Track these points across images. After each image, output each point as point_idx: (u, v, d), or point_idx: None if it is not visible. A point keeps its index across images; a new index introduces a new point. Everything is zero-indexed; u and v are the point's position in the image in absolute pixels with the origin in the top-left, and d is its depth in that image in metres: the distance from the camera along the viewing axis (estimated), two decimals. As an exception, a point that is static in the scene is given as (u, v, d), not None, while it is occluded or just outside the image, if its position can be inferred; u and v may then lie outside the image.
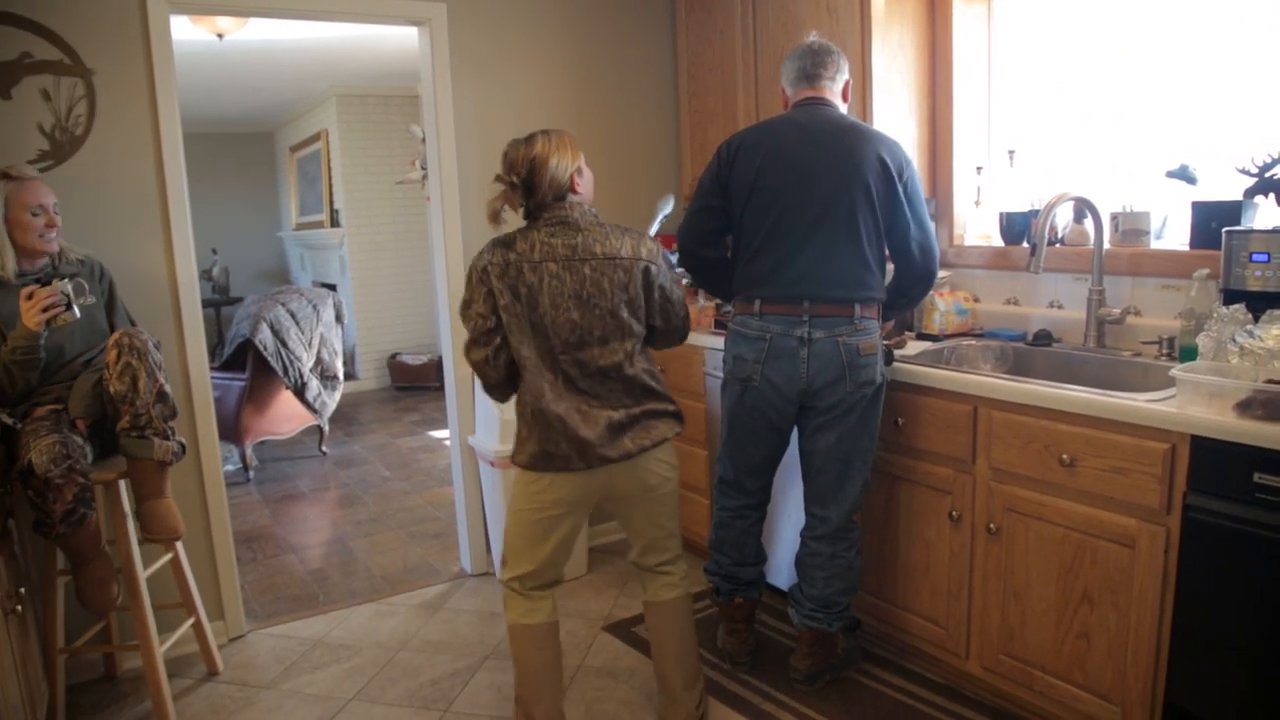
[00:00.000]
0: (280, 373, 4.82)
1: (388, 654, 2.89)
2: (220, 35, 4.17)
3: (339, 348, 5.28)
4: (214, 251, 8.60)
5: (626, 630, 2.95)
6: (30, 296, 2.19)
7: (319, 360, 5.07)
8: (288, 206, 8.88)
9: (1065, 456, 2.02)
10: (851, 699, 2.46)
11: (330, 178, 7.41)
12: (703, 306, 3.22)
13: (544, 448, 2.04)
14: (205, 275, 8.57)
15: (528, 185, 2.01)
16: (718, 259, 2.46)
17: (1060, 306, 2.67)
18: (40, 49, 2.57)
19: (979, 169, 2.95)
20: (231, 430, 4.81)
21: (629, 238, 2.03)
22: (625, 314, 2.02)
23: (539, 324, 1.99)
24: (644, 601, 2.32)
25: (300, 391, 4.92)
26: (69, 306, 2.23)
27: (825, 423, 2.32)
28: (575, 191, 2.04)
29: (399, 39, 4.74)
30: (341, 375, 5.27)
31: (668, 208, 2.25)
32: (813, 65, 2.37)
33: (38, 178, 2.38)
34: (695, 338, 3.18)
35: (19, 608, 2.05)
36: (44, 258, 2.40)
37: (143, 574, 2.46)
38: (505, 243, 2.02)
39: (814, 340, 2.26)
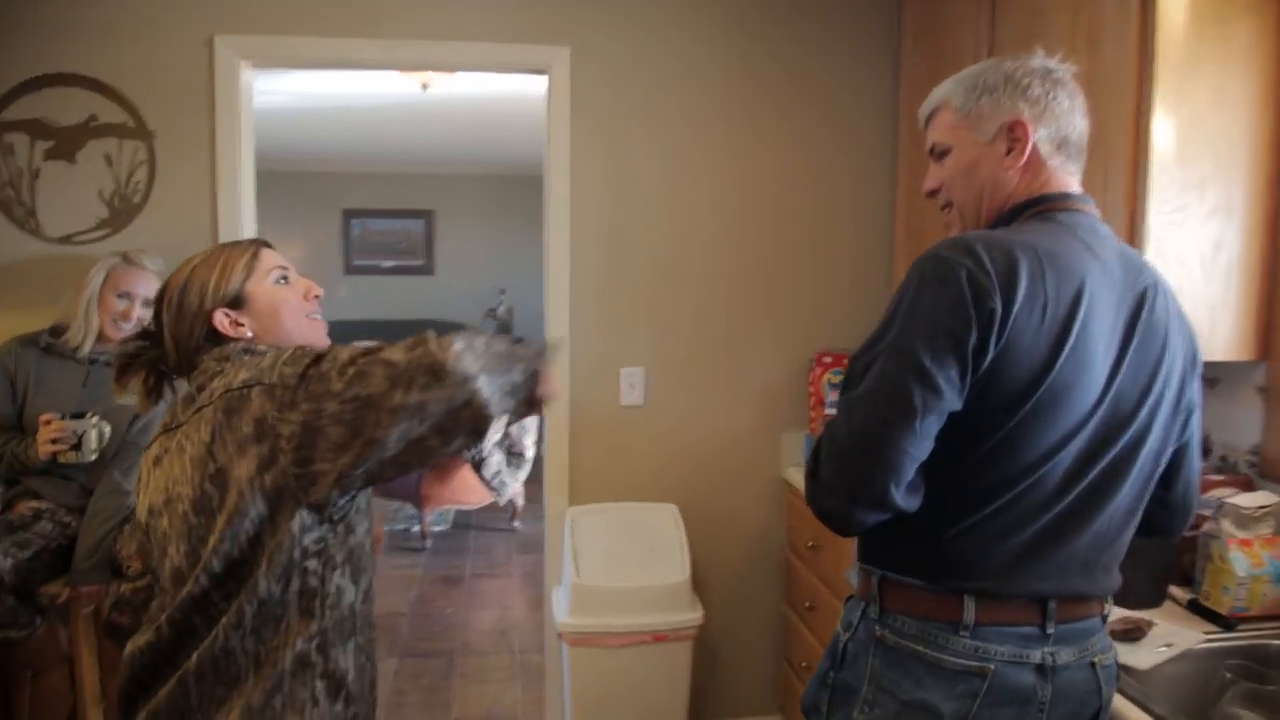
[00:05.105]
0: (460, 442, 4.52)
1: None
2: (425, 86, 3.95)
3: (532, 424, 4.85)
4: (502, 292, 8.87)
5: None
6: (47, 423, 2.13)
7: (505, 434, 4.68)
8: (572, 251, 8.90)
9: None
10: None
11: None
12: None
13: None
14: (491, 314, 8.86)
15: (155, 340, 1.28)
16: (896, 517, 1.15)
17: None
18: (107, 111, 2.38)
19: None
20: (413, 495, 4.58)
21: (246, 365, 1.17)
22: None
23: None
24: None
25: (478, 466, 4.54)
26: (77, 448, 2.13)
27: None
28: (226, 334, 1.25)
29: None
30: (530, 454, 4.81)
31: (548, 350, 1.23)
32: (1084, 134, 1.24)
33: (147, 269, 2.27)
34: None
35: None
36: (112, 344, 2.26)
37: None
38: None
39: (1059, 668, 1.17)
